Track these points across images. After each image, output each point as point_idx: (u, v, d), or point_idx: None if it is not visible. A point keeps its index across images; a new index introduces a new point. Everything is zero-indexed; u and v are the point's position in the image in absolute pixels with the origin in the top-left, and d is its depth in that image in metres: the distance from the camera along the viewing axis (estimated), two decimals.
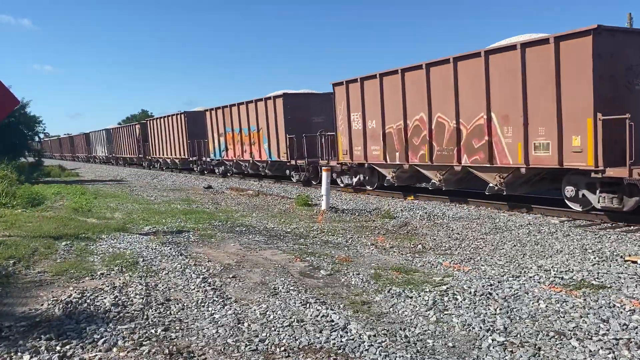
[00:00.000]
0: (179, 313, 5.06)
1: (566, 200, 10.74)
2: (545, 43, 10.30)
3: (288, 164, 20.53)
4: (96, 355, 4.10)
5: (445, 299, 5.36)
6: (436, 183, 13.50)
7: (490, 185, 11.94)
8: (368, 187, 16.43)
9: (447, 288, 5.71)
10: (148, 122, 36.99)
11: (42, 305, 5.29)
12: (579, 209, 10.56)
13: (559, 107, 10.15)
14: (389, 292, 5.65)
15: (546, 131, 10.48)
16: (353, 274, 6.41)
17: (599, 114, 9.50)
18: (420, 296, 5.47)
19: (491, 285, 5.82)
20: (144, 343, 4.29)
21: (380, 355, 4.03)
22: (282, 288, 5.82)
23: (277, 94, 20.74)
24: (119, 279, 6.21)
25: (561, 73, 10.04)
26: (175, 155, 31.52)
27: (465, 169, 12.60)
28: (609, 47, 9.65)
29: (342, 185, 17.69)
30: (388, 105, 14.65)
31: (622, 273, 6.22)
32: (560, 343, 4.19)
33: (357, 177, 16.74)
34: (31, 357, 4.02)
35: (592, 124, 9.62)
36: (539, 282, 5.91)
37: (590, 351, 4.02)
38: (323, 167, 13.67)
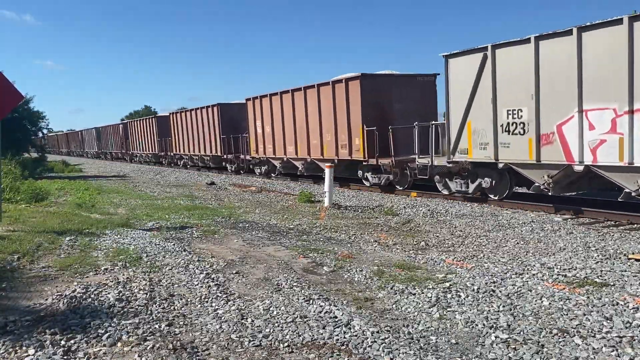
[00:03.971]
0: (182, 308, 5.08)
1: None
2: None
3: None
4: (100, 349, 4.12)
5: (449, 295, 5.37)
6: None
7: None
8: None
9: (450, 285, 5.71)
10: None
11: (46, 300, 5.32)
12: None
13: None
14: (392, 288, 5.65)
15: None
16: (356, 271, 6.42)
17: None
18: (423, 293, 5.47)
19: (494, 282, 5.82)
20: (148, 338, 4.31)
21: (384, 351, 4.04)
22: (286, 284, 5.83)
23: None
24: (123, 274, 6.24)
25: None
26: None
27: None
28: None
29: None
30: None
31: (625, 271, 6.21)
32: (564, 340, 4.19)
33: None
34: (36, 352, 4.04)
35: None
36: (542, 280, 5.91)
37: (593, 349, 4.02)
38: (326, 164, 13.70)
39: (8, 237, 8.09)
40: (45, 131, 33.42)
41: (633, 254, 7.07)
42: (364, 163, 16.17)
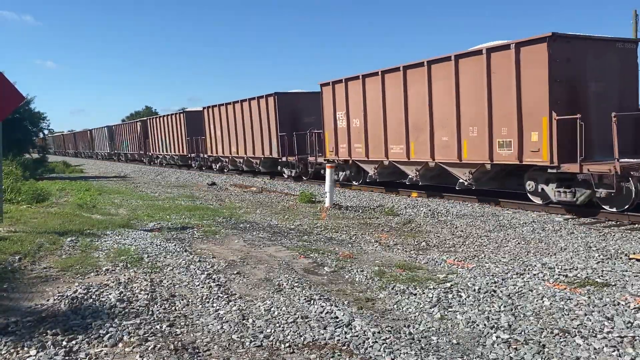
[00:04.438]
0: (183, 309, 5.08)
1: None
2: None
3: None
4: (102, 350, 4.12)
5: (450, 296, 5.37)
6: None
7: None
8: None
9: (451, 285, 5.71)
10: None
11: (47, 300, 5.32)
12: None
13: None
14: (393, 289, 5.66)
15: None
16: (357, 271, 6.42)
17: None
18: (424, 293, 5.47)
19: (495, 282, 5.82)
20: (150, 338, 4.32)
21: (385, 351, 4.04)
22: (287, 284, 5.83)
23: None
24: (124, 275, 6.24)
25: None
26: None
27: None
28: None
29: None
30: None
31: (626, 271, 6.21)
32: (565, 340, 4.19)
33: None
34: (38, 352, 4.05)
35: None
36: (543, 280, 5.91)
37: (594, 349, 4.02)
38: (327, 164, 13.70)
39: (9, 237, 8.10)
40: (46, 132, 33.44)
41: (634, 254, 7.07)
42: (280, 160, 16.46)
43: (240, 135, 23.77)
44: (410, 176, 14.30)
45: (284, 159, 20.75)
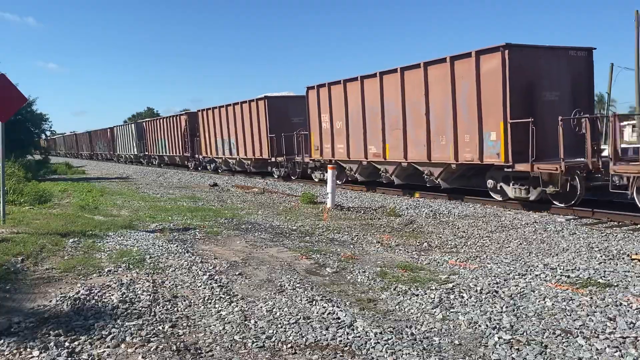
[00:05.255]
0: (186, 310, 5.09)
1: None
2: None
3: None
4: (104, 351, 4.13)
5: (452, 296, 5.37)
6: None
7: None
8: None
9: (453, 286, 5.71)
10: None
11: (50, 301, 5.34)
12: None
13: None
14: (395, 289, 5.66)
15: None
16: (359, 272, 6.42)
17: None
18: (426, 294, 5.47)
19: (497, 283, 5.82)
20: (152, 339, 4.32)
21: (387, 352, 4.05)
22: (288, 285, 5.84)
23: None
24: (126, 276, 6.25)
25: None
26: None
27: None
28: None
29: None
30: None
31: (628, 271, 6.20)
32: (567, 341, 4.19)
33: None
34: (40, 353, 4.06)
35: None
36: (545, 280, 5.91)
37: (597, 349, 4.02)
38: (329, 165, 13.71)
39: (12, 239, 8.11)
40: (48, 133, 33.50)
41: (636, 254, 7.06)
42: (269, 161, 18.15)
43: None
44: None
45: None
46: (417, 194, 14.72)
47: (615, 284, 5.70)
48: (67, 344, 4.24)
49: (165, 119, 34.86)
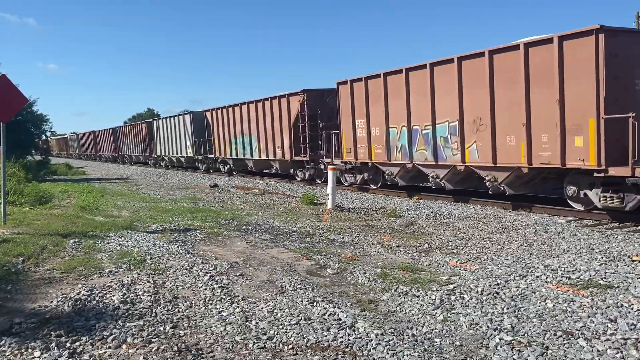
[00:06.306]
0: (187, 311, 5.09)
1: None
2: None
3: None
4: (106, 352, 4.13)
5: (452, 298, 5.37)
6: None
7: None
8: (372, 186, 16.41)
9: (454, 287, 5.71)
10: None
11: (51, 302, 5.34)
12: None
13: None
14: (395, 290, 5.66)
15: None
16: (360, 273, 6.42)
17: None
18: (427, 295, 5.48)
19: (498, 284, 5.82)
20: (153, 340, 4.33)
21: (388, 353, 4.05)
22: (289, 286, 5.84)
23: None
24: (127, 277, 6.26)
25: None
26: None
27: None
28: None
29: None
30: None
31: (629, 273, 6.20)
32: (568, 342, 4.19)
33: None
34: (42, 354, 4.06)
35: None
36: (546, 282, 5.91)
37: (598, 351, 4.02)
38: (329, 166, 13.71)
39: (13, 239, 8.12)
40: (48, 134, 33.51)
41: (637, 255, 7.06)
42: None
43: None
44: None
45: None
46: (417, 196, 14.72)
47: (616, 285, 5.70)
48: (68, 344, 4.24)
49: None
